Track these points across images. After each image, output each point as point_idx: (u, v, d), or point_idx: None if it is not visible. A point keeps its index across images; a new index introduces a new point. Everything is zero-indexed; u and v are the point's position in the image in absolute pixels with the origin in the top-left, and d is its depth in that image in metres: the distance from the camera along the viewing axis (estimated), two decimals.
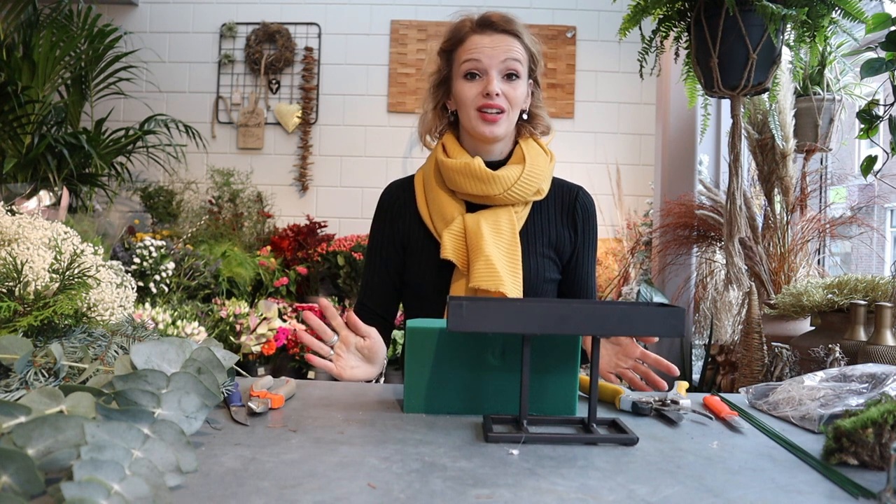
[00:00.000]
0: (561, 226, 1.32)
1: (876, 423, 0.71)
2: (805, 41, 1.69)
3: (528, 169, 1.26)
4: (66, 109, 3.52)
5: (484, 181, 1.23)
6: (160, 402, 0.67)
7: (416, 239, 1.32)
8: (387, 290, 1.36)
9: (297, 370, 3.48)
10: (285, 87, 4.20)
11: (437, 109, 1.34)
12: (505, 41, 1.25)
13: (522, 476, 0.66)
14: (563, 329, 0.80)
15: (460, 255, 1.23)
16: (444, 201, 1.28)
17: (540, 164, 1.28)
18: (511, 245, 1.24)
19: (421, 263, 1.30)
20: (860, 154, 2.79)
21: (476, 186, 1.24)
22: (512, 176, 1.24)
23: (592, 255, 1.35)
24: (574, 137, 4.09)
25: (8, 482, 0.50)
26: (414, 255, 1.32)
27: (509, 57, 1.24)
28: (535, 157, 1.28)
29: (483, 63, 1.24)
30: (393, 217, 1.34)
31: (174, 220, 3.92)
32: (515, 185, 1.24)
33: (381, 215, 1.36)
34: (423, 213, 1.31)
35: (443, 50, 1.33)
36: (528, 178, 1.25)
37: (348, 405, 0.93)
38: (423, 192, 1.32)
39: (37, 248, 0.89)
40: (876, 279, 1.51)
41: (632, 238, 3.65)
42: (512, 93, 1.25)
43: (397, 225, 1.33)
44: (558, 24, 4.16)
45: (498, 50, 1.24)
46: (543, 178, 1.28)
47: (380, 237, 1.35)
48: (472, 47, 1.26)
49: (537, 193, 1.29)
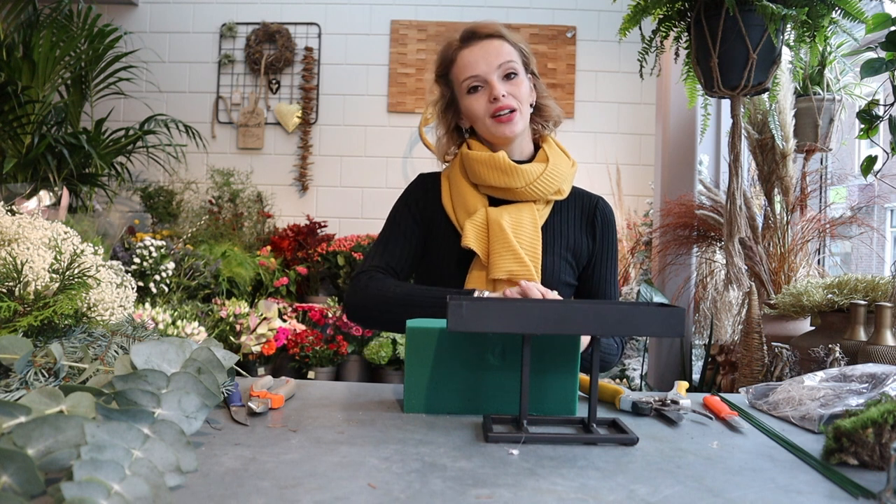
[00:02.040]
0: (580, 231, 1.34)
1: (876, 423, 0.71)
2: (805, 41, 1.69)
3: (550, 167, 1.29)
4: (66, 109, 3.52)
5: (507, 173, 1.26)
6: (160, 402, 0.67)
7: (438, 228, 1.33)
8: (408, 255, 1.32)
9: (297, 370, 3.48)
10: (285, 87, 4.20)
11: (450, 132, 1.38)
12: (493, 45, 1.28)
13: (522, 476, 0.66)
14: (563, 329, 0.80)
15: (482, 245, 1.25)
16: (467, 193, 1.30)
17: (562, 166, 1.31)
18: (533, 240, 1.25)
19: (441, 252, 1.32)
20: (860, 154, 2.79)
21: (499, 178, 1.26)
22: (535, 171, 1.27)
23: (612, 264, 1.36)
24: (574, 137, 4.09)
25: (8, 482, 0.50)
26: (434, 243, 1.33)
27: (503, 60, 1.27)
28: (558, 158, 1.32)
29: (481, 74, 1.27)
30: (420, 200, 1.36)
31: (174, 220, 3.92)
32: (538, 180, 1.27)
33: (408, 196, 1.37)
34: (446, 205, 1.33)
35: (438, 76, 1.36)
36: (551, 175, 1.28)
37: (348, 405, 0.93)
38: (448, 185, 1.35)
39: (37, 248, 0.89)
40: (876, 279, 1.51)
41: (632, 238, 3.65)
42: (516, 90, 1.27)
43: (426, 208, 1.35)
44: (558, 24, 4.16)
45: (490, 56, 1.27)
46: (564, 178, 1.31)
47: (409, 210, 1.35)
48: (466, 63, 1.29)
49: (558, 193, 1.31)
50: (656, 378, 2.63)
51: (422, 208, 1.35)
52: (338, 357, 3.49)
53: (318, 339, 3.46)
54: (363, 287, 1.25)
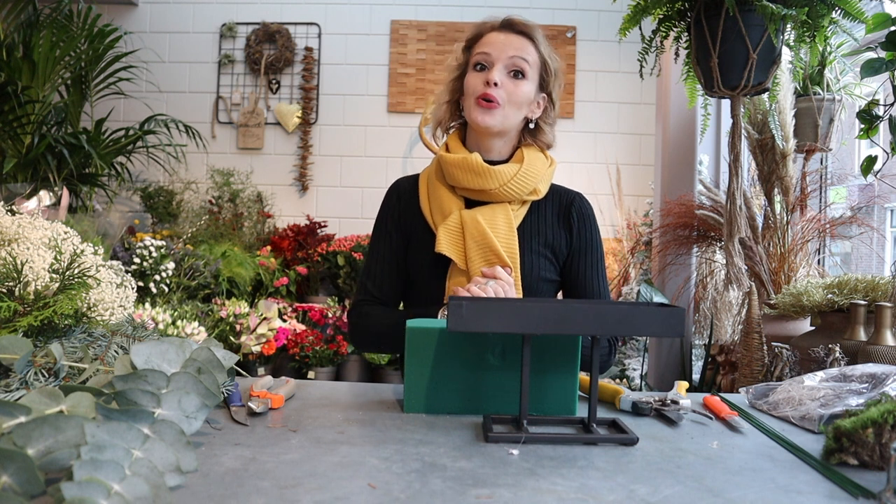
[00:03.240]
0: (557, 227, 1.33)
1: (876, 423, 0.71)
2: (805, 41, 1.69)
3: (524, 167, 1.28)
4: (66, 109, 3.52)
5: (480, 175, 1.26)
6: (160, 402, 0.67)
7: (417, 233, 1.33)
8: (391, 279, 1.35)
9: (297, 370, 3.48)
10: (285, 87, 4.20)
11: (451, 103, 1.37)
12: (518, 40, 1.29)
13: (522, 476, 0.66)
14: (563, 329, 0.80)
15: (456, 250, 1.25)
16: (443, 195, 1.30)
17: (537, 165, 1.30)
18: (508, 240, 1.25)
19: (419, 258, 1.32)
20: (860, 154, 2.79)
21: (473, 180, 1.26)
22: (509, 172, 1.26)
23: (594, 258, 1.34)
24: (574, 137, 4.09)
25: (8, 482, 0.50)
26: (414, 249, 1.33)
27: (517, 55, 1.27)
28: (534, 159, 1.31)
29: (491, 56, 1.27)
30: (399, 209, 1.36)
31: (174, 220, 3.92)
32: (511, 181, 1.26)
33: (387, 207, 1.38)
34: (424, 209, 1.33)
35: (465, 45, 1.37)
36: (525, 175, 1.27)
37: (348, 405, 0.93)
38: (427, 188, 1.35)
39: (37, 248, 0.89)
40: (876, 279, 1.50)
41: (632, 238, 3.65)
42: (514, 89, 1.26)
43: (403, 217, 1.35)
44: (558, 24, 4.16)
45: (508, 46, 1.27)
46: (540, 178, 1.30)
47: (386, 227, 1.36)
48: (487, 41, 1.30)
49: (534, 193, 1.30)
50: (656, 378, 2.63)
51: (398, 220, 1.35)
52: (338, 357, 3.49)
53: (318, 339, 3.46)
54: (353, 325, 1.34)
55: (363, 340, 1.34)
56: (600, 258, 1.35)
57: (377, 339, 1.32)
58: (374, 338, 1.32)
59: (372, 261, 1.36)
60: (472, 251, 1.23)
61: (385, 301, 1.35)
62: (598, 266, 1.34)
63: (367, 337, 1.33)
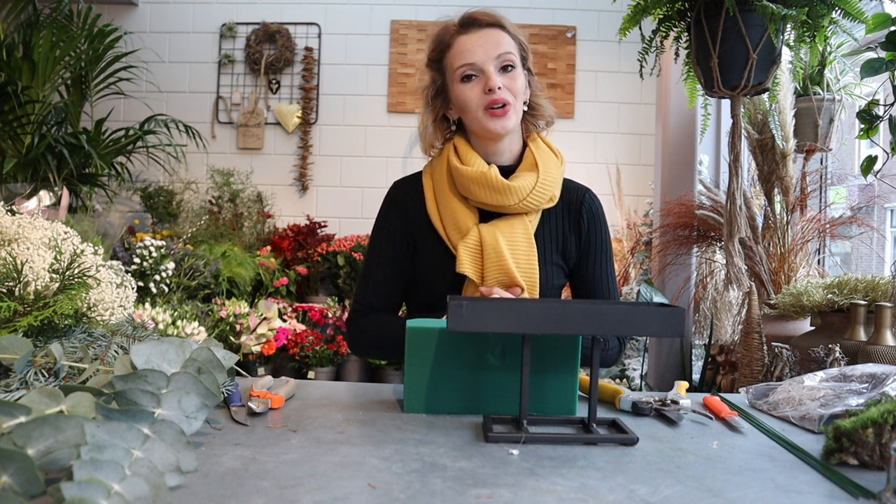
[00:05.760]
0: (568, 231, 1.31)
1: (876, 423, 0.71)
2: (805, 41, 1.69)
3: (541, 177, 1.24)
4: (66, 109, 3.52)
5: (500, 192, 1.22)
6: (160, 402, 0.67)
7: (426, 243, 1.29)
8: (392, 286, 1.32)
9: (297, 370, 3.48)
10: (285, 87, 4.20)
11: (437, 122, 1.32)
12: (493, 35, 1.24)
13: (522, 476, 0.66)
14: (563, 329, 0.80)
15: (477, 269, 1.22)
16: (457, 209, 1.25)
17: (552, 171, 1.27)
18: (528, 255, 1.23)
19: (433, 271, 1.28)
20: (860, 154, 2.79)
21: (491, 196, 1.22)
22: (527, 186, 1.23)
23: (603, 258, 1.32)
24: (574, 137, 4.09)
25: (8, 482, 0.50)
26: (424, 259, 1.29)
27: (502, 50, 1.22)
28: (548, 163, 1.27)
29: (478, 62, 1.22)
30: (403, 214, 1.31)
31: (174, 220, 3.92)
32: (531, 195, 1.23)
33: (389, 211, 1.32)
34: (433, 218, 1.28)
35: (431, 60, 1.31)
36: (543, 186, 1.24)
37: (348, 405, 0.93)
38: (434, 195, 1.29)
39: (37, 248, 0.89)
40: (876, 279, 1.50)
41: (632, 238, 3.65)
42: (512, 84, 1.23)
43: (407, 223, 1.30)
44: (558, 24, 4.16)
45: (489, 45, 1.22)
46: (556, 184, 1.27)
47: (387, 232, 1.31)
48: (462, 49, 1.24)
49: (550, 200, 1.27)
50: (656, 378, 2.63)
51: (402, 228, 1.30)
52: (338, 357, 3.49)
53: (318, 339, 3.46)
54: (350, 334, 1.33)
55: (362, 350, 1.34)
56: (609, 257, 1.33)
57: (377, 349, 1.32)
58: (374, 348, 1.32)
59: (372, 266, 1.32)
60: (490, 270, 1.21)
61: (384, 308, 1.31)
62: (607, 265, 1.33)
63: (367, 347, 1.33)
